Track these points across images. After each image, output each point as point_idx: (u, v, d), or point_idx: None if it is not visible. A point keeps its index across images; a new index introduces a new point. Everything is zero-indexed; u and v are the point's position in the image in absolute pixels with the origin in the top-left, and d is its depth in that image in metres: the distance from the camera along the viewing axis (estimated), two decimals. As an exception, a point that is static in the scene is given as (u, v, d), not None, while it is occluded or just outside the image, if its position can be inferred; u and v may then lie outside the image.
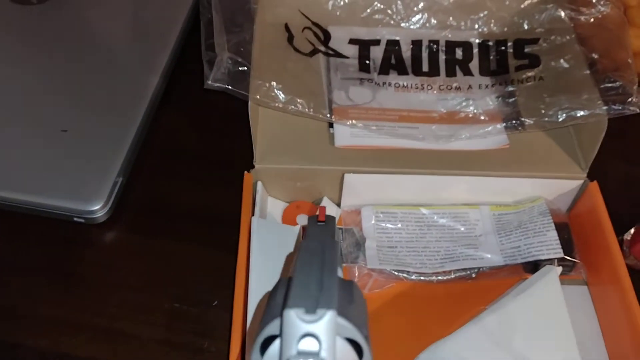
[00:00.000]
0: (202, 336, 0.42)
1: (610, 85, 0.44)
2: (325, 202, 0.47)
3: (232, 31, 0.45)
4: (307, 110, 0.44)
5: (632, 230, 0.47)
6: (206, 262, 0.45)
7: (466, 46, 0.50)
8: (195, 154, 0.52)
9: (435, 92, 0.49)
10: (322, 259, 0.28)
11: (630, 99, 0.43)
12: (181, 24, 0.57)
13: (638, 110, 0.42)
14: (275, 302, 0.27)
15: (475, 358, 0.37)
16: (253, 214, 0.43)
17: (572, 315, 0.40)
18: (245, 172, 0.44)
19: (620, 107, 0.43)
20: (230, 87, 0.41)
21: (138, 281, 0.44)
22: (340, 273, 0.28)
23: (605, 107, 0.43)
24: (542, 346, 0.38)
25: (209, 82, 0.41)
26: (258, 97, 0.42)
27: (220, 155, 0.52)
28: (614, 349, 0.42)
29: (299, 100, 0.44)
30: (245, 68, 0.43)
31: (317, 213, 0.37)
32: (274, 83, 0.43)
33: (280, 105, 0.44)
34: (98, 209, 0.45)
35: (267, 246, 0.41)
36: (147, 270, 0.45)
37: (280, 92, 0.43)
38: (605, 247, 0.43)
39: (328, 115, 0.45)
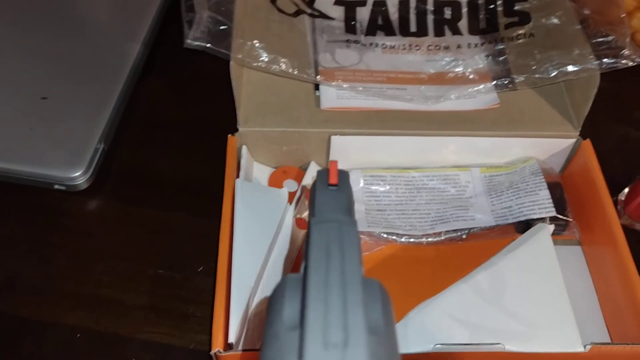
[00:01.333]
0: (187, 302, 0.41)
1: (602, 39, 0.43)
2: (313, 167, 0.46)
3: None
4: (291, 70, 0.43)
5: (626, 190, 0.46)
6: (191, 229, 0.44)
7: (455, 5, 0.49)
8: (179, 122, 0.51)
9: (423, 52, 0.48)
10: (341, 265, 0.21)
11: (622, 52, 0.41)
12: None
13: (631, 63, 0.41)
14: (283, 333, 0.20)
15: (465, 315, 0.36)
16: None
17: (565, 275, 0.39)
18: (230, 135, 0.43)
19: (612, 61, 0.42)
20: (210, 45, 0.40)
21: (121, 249, 0.43)
22: (361, 270, 0.21)
23: (597, 62, 0.42)
24: (534, 302, 0.37)
25: (188, 40, 0.40)
26: (240, 56, 0.41)
27: (205, 123, 0.50)
28: (609, 308, 0.41)
29: (282, 60, 0.43)
30: (227, 27, 0.41)
31: (328, 170, 0.27)
32: (256, 42, 0.42)
33: (263, 65, 0.42)
34: (78, 175, 0.43)
35: (251, 209, 0.40)
36: (131, 237, 0.44)
37: (263, 51, 0.42)
38: (599, 207, 0.42)
39: (313, 76, 0.44)
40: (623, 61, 0.41)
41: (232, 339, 0.35)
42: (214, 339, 0.34)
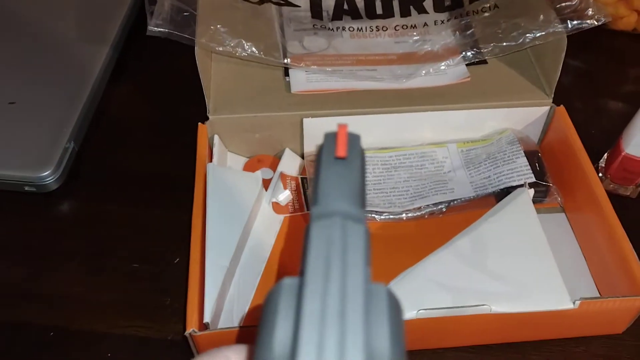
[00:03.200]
0: (163, 294, 0.40)
1: (566, 3, 0.43)
2: (287, 154, 0.45)
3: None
4: (257, 53, 0.43)
5: (606, 155, 0.46)
6: (166, 223, 0.43)
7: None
8: (150, 120, 0.50)
9: (391, 34, 0.48)
10: (341, 277, 0.18)
11: (586, 13, 0.41)
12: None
13: (596, 23, 0.41)
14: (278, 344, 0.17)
15: (448, 280, 0.35)
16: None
17: (552, 240, 0.38)
18: (199, 123, 0.43)
19: (577, 22, 0.42)
20: (173, 31, 0.40)
21: (94, 246, 0.42)
22: (366, 280, 0.18)
23: (562, 25, 0.42)
24: (518, 263, 0.36)
25: (150, 27, 0.40)
26: (204, 40, 0.41)
27: (177, 120, 0.50)
28: (599, 272, 0.40)
29: (247, 43, 0.42)
30: (190, 14, 0.41)
31: (336, 135, 0.21)
32: (219, 26, 0.42)
33: (229, 49, 0.42)
34: (48, 174, 0.43)
35: (224, 192, 0.39)
36: (104, 235, 0.43)
37: (228, 35, 0.42)
38: (579, 171, 0.41)
39: (281, 59, 0.44)
40: (588, 21, 0.41)
41: (207, 318, 0.33)
42: (188, 319, 0.33)
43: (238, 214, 0.39)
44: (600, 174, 0.45)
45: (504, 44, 0.43)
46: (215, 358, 0.21)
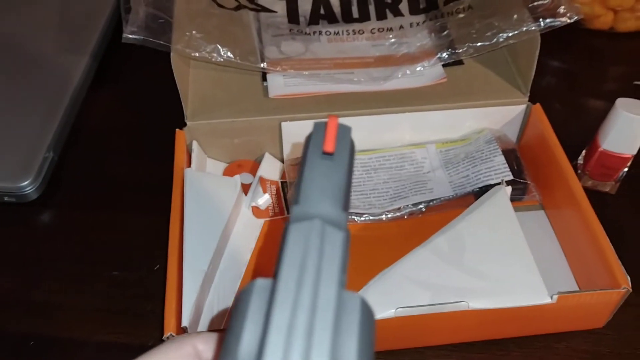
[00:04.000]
0: (144, 300, 0.40)
1: (538, 2, 0.43)
2: (267, 158, 0.45)
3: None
4: (233, 58, 0.43)
5: (584, 152, 0.46)
6: (146, 229, 0.43)
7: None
8: (130, 128, 0.50)
9: (368, 37, 0.48)
10: (314, 285, 0.17)
11: (559, 11, 0.42)
12: (112, 5, 0.56)
13: (568, 20, 0.42)
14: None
15: (426, 277, 0.35)
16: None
17: (532, 238, 0.38)
18: (177, 129, 0.43)
19: (550, 20, 0.42)
20: (148, 38, 0.40)
21: (74, 254, 0.42)
22: (339, 290, 0.18)
23: (535, 23, 0.42)
24: (496, 259, 0.36)
25: (125, 35, 0.40)
26: (179, 46, 0.41)
27: (156, 128, 0.50)
28: (579, 268, 0.40)
29: (223, 49, 0.43)
30: (165, 21, 0.41)
31: (325, 128, 0.21)
32: (195, 32, 0.42)
33: (206, 55, 0.42)
34: (27, 184, 0.42)
35: (202, 197, 0.40)
36: (84, 243, 0.43)
37: (203, 41, 0.42)
38: (557, 168, 0.41)
39: (258, 64, 0.44)
40: (562, 19, 0.42)
41: (185, 322, 0.33)
42: (166, 324, 0.33)
43: (216, 218, 0.39)
44: (579, 171, 0.46)
45: (478, 44, 0.44)
46: (182, 345, 0.21)
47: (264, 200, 0.43)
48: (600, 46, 0.58)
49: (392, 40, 0.47)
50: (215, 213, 0.39)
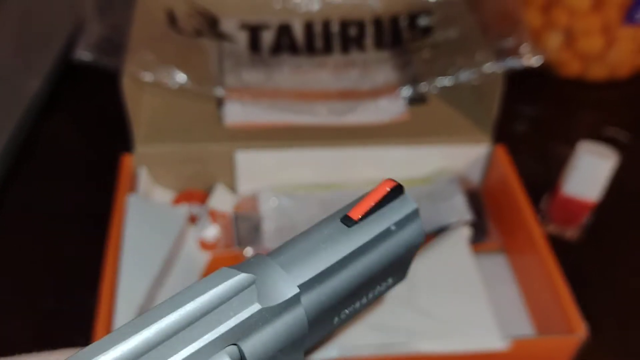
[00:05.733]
0: (79, 333, 0.37)
1: (502, 44, 0.43)
2: (219, 189, 0.43)
3: (108, 13, 0.42)
4: (188, 83, 0.42)
5: (546, 196, 0.45)
6: (87, 258, 0.40)
7: (360, 24, 0.49)
8: (78, 154, 0.48)
9: (330, 70, 0.47)
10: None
11: (521, 52, 0.41)
12: (67, 30, 0.54)
13: (532, 63, 0.41)
14: None
15: (376, 318, 0.33)
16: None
17: (491, 281, 0.37)
18: (123, 154, 0.41)
19: (512, 61, 0.41)
20: (101, 58, 0.39)
21: (10, 285, 0.39)
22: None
23: (498, 63, 0.42)
24: (449, 301, 0.34)
25: (77, 52, 0.38)
26: (132, 68, 0.39)
27: (106, 154, 0.47)
28: (538, 314, 0.38)
29: (179, 73, 0.41)
30: (119, 42, 0.40)
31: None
32: (149, 54, 0.41)
33: (158, 78, 0.41)
34: (-40, 206, 0.40)
35: (143, 226, 0.37)
36: (21, 273, 0.40)
37: (158, 64, 0.41)
38: (519, 212, 0.40)
39: (214, 91, 0.43)
40: (524, 61, 0.41)
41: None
42: (89, 358, 0.30)
43: (157, 248, 0.37)
44: (543, 216, 0.44)
45: (440, 80, 0.43)
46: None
47: (212, 233, 0.41)
48: (569, 94, 0.58)
49: (356, 74, 0.46)
50: (157, 243, 0.37)
